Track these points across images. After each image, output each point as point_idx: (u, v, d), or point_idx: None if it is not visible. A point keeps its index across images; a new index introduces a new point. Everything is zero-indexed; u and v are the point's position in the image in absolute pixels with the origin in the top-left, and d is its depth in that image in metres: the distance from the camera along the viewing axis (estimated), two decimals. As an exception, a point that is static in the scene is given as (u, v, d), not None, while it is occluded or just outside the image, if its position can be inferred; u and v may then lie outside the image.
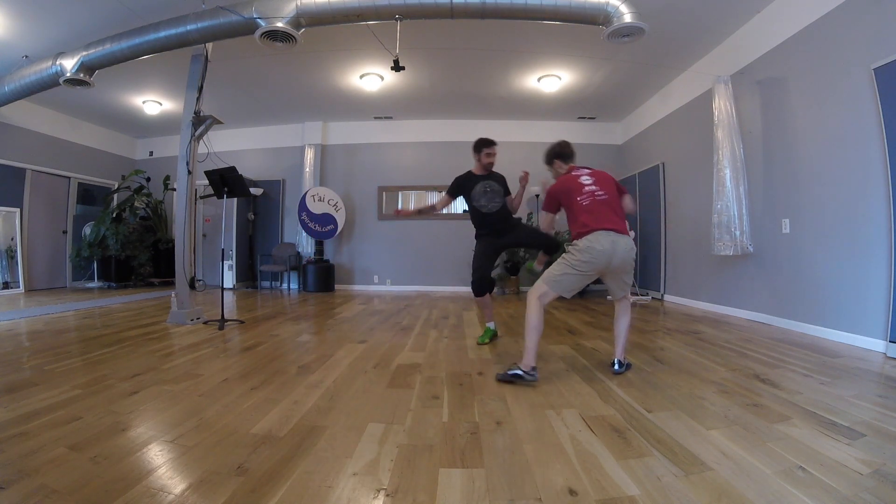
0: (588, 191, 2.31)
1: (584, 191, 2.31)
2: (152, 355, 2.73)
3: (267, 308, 5.11)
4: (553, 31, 4.19)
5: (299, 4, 3.42)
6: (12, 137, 6.20)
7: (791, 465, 1.34)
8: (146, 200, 7.68)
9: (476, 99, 6.49)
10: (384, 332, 3.60)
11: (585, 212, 2.27)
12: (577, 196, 2.31)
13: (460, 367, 2.54)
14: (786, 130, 3.79)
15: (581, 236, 2.24)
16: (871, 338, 2.94)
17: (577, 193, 2.33)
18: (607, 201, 2.30)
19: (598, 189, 2.31)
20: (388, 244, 7.56)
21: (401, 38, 3.78)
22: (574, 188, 2.35)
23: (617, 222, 2.26)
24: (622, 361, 2.38)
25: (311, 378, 2.29)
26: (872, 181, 2.97)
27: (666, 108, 5.89)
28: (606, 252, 2.18)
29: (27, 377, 2.23)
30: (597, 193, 2.30)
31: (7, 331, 3.50)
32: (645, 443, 1.51)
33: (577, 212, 2.30)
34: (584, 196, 2.30)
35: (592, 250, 2.18)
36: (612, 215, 2.27)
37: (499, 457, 1.42)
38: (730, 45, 4.52)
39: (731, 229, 4.14)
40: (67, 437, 1.51)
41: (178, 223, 4.00)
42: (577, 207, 2.30)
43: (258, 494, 1.19)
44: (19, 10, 4.01)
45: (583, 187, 2.33)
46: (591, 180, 2.35)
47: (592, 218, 2.25)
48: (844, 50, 3.20)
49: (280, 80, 5.83)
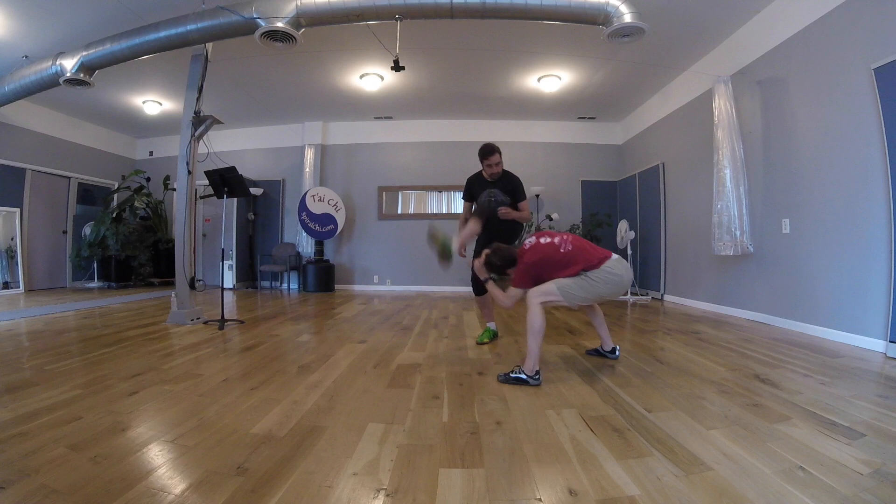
0: (560, 241, 2.32)
1: (557, 242, 2.32)
2: (152, 355, 2.73)
3: (267, 308, 5.11)
4: (553, 31, 4.19)
5: (299, 4, 3.42)
6: (12, 137, 6.20)
7: (791, 465, 1.34)
8: (146, 200, 7.67)
9: (476, 99, 6.49)
10: (384, 332, 3.60)
11: (580, 251, 2.28)
12: (556, 253, 2.29)
13: (460, 367, 2.54)
14: (786, 130, 3.79)
15: (594, 267, 2.24)
16: (871, 338, 2.94)
17: (553, 251, 2.30)
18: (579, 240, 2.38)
19: (561, 237, 2.35)
20: (388, 244, 7.56)
21: (401, 38, 3.78)
22: (548, 250, 2.31)
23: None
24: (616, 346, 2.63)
25: (311, 378, 2.29)
26: (872, 181, 2.97)
27: (666, 108, 5.89)
28: (625, 278, 2.30)
29: (27, 377, 2.23)
30: (565, 237, 2.34)
31: (7, 331, 3.50)
32: (645, 443, 1.51)
33: (569, 260, 2.27)
34: (562, 244, 2.30)
35: (615, 275, 2.25)
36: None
37: (499, 457, 1.42)
38: (730, 45, 4.52)
39: (732, 229, 4.14)
40: (67, 437, 1.51)
41: (178, 223, 4.00)
42: (565, 257, 2.28)
43: (258, 494, 1.19)
44: (19, 10, 4.01)
45: (554, 245, 2.31)
46: (549, 239, 2.36)
47: (594, 249, 2.33)
48: (844, 50, 3.20)
49: (280, 80, 5.83)
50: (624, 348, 3.01)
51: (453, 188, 7.58)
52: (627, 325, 4.00)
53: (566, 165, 7.47)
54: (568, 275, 2.26)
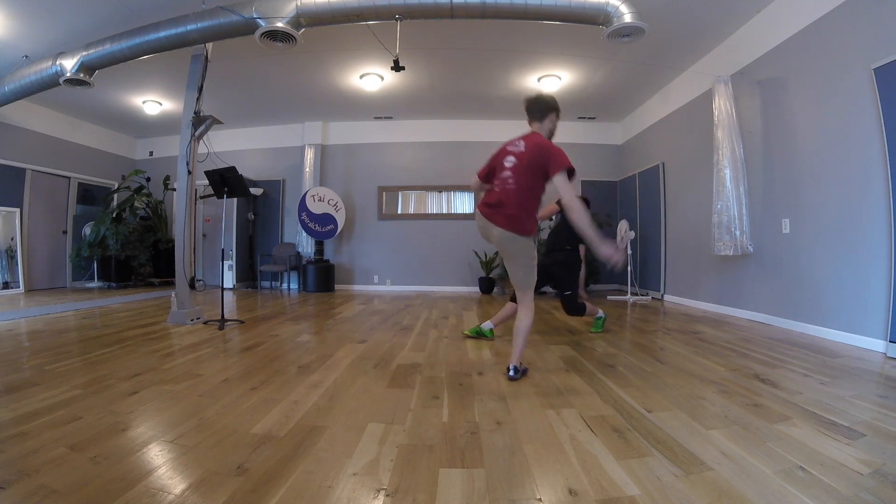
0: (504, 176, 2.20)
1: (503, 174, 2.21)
2: (152, 355, 2.73)
3: (267, 308, 5.11)
4: (553, 31, 4.19)
5: (299, 4, 3.42)
6: (12, 137, 6.20)
7: (791, 465, 1.34)
8: (146, 200, 7.68)
9: (476, 99, 6.49)
10: (384, 332, 3.60)
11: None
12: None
13: (460, 367, 2.54)
14: (786, 130, 3.79)
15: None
16: (871, 338, 2.94)
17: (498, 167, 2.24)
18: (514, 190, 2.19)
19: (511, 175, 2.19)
20: (388, 244, 7.57)
21: (401, 38, 3.78)
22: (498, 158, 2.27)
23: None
24: (517, 366, 2.27)
25: (311, 378, 2.29)
26: (872, 181, 2.97)
27: (666, 108, 5.89)
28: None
29: (27, 377, 2.23)
30: (508, 181, 2.19)
31: (7, 331, 3.50)
32: (645, 443, 1.51)
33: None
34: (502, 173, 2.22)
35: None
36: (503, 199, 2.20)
37: (499, 457, 1.42)
38: (730, 45, 4.52)
39: (732, 229, 4.14)
40: (67, 437, 1.51)
41: (178, 223, 4.00)
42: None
43: (258, 494, 1.19)
44: (19, 10, 4.01)
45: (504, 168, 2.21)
46: (514, 162, 2.20)
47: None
48: (844, 50, 3.20)
49: (280, 80, 5.83)
50: (624, 348, 3.01)
51: (453, 188, 7.58)
52: (627, 325, 4.00)
53: (566, 165, 7.45)
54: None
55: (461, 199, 7.66)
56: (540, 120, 2.30)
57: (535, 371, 2.44)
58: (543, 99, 2.33)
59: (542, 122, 2.30)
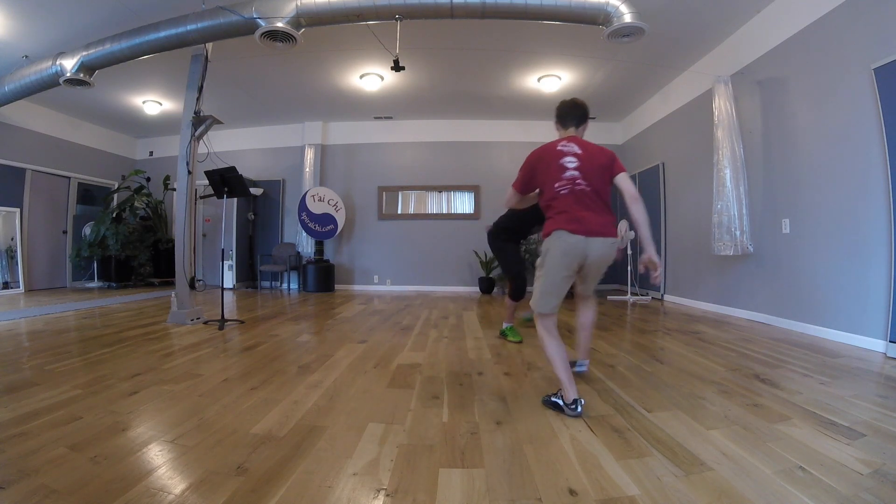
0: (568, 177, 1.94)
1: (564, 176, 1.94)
2: (152, 355, 2.73)
3: (267, 308, 5.11)
4: (553, 31, 4.19)
5: (299, 4, 3.42)
6: (12, 137, 6.20)
7: (791, 465, 1.34)
8: (146, 200, 7.68)
9: (476, 99, 6.49)
10: (384, 332, 3.60)
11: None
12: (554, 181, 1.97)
13: (460, 367, 2.54)
14: (786, 130, 3.79)
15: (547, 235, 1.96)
16: (870, 338, 2.94)
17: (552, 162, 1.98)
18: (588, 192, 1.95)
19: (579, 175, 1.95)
20: (388, 244, 7.57)
21: (401, 38, 3.78)
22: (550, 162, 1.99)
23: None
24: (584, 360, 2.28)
25: (311, 378, 2.29)
26: (872, 181, 2.97)
27: (666, 108, 5.89)
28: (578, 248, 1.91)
29: (27, 377, 2.23)
30: (577, 181, 1.94)
31: (7, 331, 3.50)
32: (645, 443, 1.51)
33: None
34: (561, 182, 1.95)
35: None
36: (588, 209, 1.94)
37: (499, 457, 1.42)
38: (730, 45, 4.52)
39: (732, 229, 4.14)
40: (67, 437, 1.51)
41: (178, 223, 4.00)
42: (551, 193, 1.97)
43: (258, 494, 1.19)
44: (19, 10, 4.01)
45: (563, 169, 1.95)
46: (576, 162, 1.96)
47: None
48: (844, 50, 3.20)
49: (280, 80, 5.83)
50: (624, 348, 3.01)
51: (453, 188, 7.58)
52: (627, 325, 4.00)
53: (566, 165, 7.46)
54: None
55: (461, 199, 7.66)
56: (578, 126, 2.20)
57: (535, 371, 2.44)
58: (583, 105, 2.23)
59: (579, 127, 2.21)
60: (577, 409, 1.77)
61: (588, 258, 1.93)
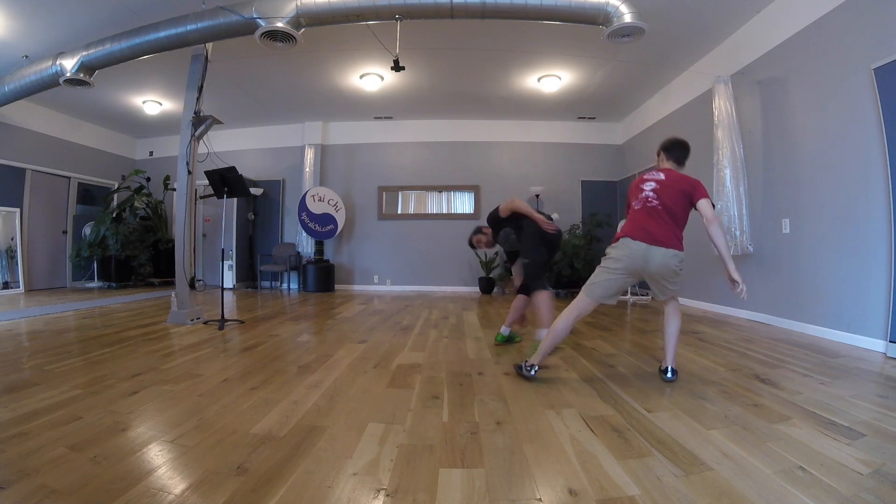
0: (644, 196, 2.23)
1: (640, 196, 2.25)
2: (152, 355, 2.73)
3: (267, 308, 5.11)
4: (553, 31, 4.19)
5: (299, 4, 3.42)
6: (12, 137, 6.20)
7: (791, 465, 1.34)
8: (146, 200, 7.68)
9: (476, 99, 6.49)
10: (384, 332, 3.60)
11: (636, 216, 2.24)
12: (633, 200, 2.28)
13: (460, 367, 2.54)
14: (786, 130, 3.79)
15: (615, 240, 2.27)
16: (871, 338, 2.94)
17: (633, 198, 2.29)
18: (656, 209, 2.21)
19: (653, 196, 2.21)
20: (388, 244, 7.57)
21: (401, 38, 3.78)
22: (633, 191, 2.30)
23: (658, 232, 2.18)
24: (674, 368, 2.25)
25: (311, 378, 2.29)
26: (872, 181, 2.97)
27: (666, 108, 5.89)
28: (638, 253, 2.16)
29: (27, 377, 2.23)
30: (650, 199, 2.21)
31: (7, 331, 3.50)
32: (645, 443, 1.51)
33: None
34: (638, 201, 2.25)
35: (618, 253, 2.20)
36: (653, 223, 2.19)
37: (499, 457, 1.42)
38: (730, 45, 4.52)
39: (732, 229, 4.14)
40: (67, 437, 1.51)
41: (178, 223, 4.00)
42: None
43: (258, 494, 1.19)
44: (19, 10, 4.01)
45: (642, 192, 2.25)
46: (653, 185, 2.24)
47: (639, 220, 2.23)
48: (844, 50, 3.20)
49: (280, 80, 5.83)
50: (624, 348, 3.01)
51: (453, 188, 7.59)
52: (628, 326, 4.00)
53: (566, 165, 7.47)
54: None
55: (461, 199, 7.67)
56: (678, 163, 2.38)
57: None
58: (687, 146, 2.40)
59: (679, 165, 2.38)
60: (531, 372, 2.20)
61: (649, 264, 2.16)
